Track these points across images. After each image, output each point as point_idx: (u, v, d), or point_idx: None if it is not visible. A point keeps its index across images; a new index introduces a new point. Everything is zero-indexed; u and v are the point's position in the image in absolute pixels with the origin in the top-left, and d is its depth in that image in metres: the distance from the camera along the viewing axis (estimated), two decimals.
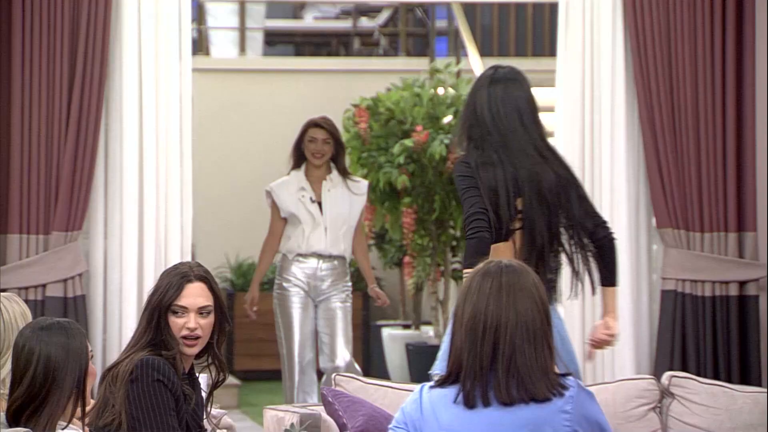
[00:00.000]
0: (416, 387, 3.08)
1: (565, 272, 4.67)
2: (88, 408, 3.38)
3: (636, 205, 6.38)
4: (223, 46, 11.13)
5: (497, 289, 2.92)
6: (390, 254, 9.27)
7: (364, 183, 7.08)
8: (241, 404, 8.93)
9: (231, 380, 9.00)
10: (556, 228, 4.47)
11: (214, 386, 3.92)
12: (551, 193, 4.45)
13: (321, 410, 5.16)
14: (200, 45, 10.97)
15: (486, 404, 2.89)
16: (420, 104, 7.21)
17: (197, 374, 3.92)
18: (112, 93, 6.18)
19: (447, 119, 7.20)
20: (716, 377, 6.08)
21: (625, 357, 6.30)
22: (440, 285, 7.52)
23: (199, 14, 11.02)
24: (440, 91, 7.35)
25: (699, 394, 5.36)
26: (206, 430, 3.90)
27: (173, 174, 6.19)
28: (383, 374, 8.81)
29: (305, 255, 6.89)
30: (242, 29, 11.02)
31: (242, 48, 11.01)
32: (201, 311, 3.84)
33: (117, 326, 6.11)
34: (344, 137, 7.38)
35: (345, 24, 12.02)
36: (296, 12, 12.38)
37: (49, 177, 6.08)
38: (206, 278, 3.90)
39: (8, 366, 3.58)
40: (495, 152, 4.41)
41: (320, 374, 6.96)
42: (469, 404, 2.89)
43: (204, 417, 3.89)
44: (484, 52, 11.07)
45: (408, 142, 7.07)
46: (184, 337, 3.81)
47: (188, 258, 6.14)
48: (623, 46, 6.35)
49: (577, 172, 6.42)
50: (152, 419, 3.62)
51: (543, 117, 4.82)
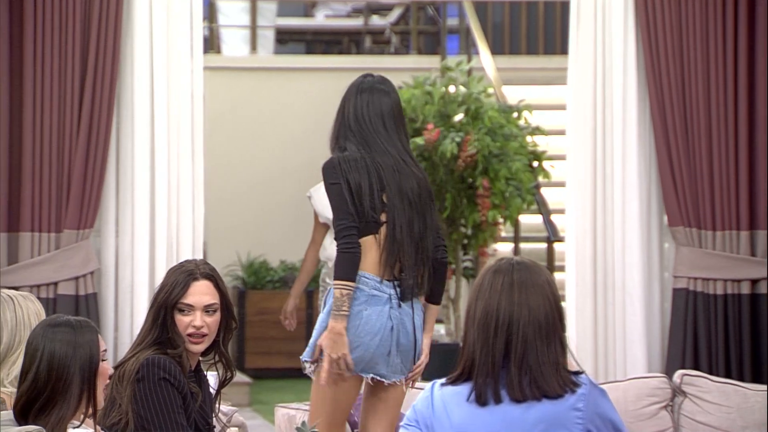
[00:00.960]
0: (427, 385, 3.06)
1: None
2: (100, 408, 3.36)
3: (648, 204, 6.36)
4: (235, 45, 11.12)
5: (509, 286, 2.91)
6: None
7: None
8: (253, 402, 8.92)
9: (242, 378, 8.99)
10: (418, 227, 4.75)
11: (222, 384, 3.90)
12: (412, 194, 4.73)
13: None
14: (211, 43, 10.96)
15: (498, 401, 2.88)
16: (431, 102, 7.20)
17: (205, 372, 3.90)
18: (124, 91, 6.18)
19: (458, 117, 7.19)
20: (728, 375, 6.05)
21: (637, 355, 6.27)
22: (451, 283, 7.50)
23: (211, 12, 11.01)
24: (451, 89, 7.33)
25: (711, 393, 5.34)
26: (215, 428, 3.88)
27: (185, 172, 6.18)
28: None
29: None
30: (253, 27, 11.02)
31: (253, 46, 11.00)
32: (207, 309, 3.83)
33: (128, 324, 6.10)
34: None
35: (356, 22, 12.01)
36: (307, 10, 12.37)
37: (61, 175, 6.07)
38: (212, 276, 3.88)
39: (20, 363, 3.58)
40: (359, 151, 4.71)
41: None
42: (481, 401, 2.88)
43: (212, 415, 3.87)
44: (496, 50, 11.05)
45: (419, 140, 7.05)
46: (190, 335, 3.79)
47: (200, 256, 6.13)
48: (635, 44, 6.32)
49: (589, 171, 6.45)
50: (160, 418, 3.61)
51: (554, 115, 4.84)
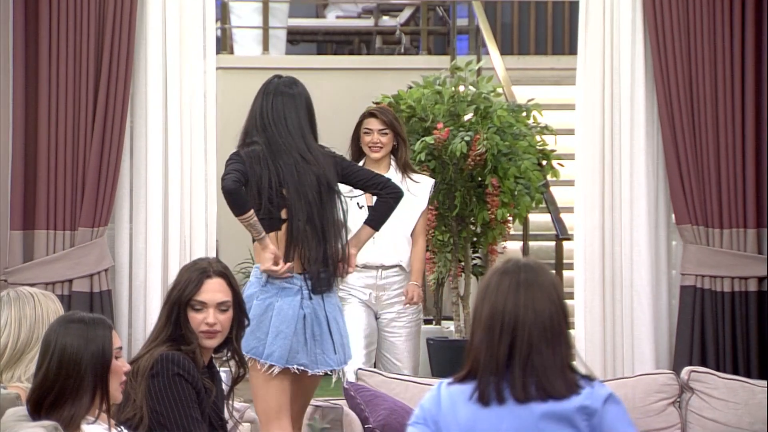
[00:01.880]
0: (436, 381, 3.07)
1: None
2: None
3: (655, 202, 6.36)
4: (247, 45, 11.13)
5: (515, 288, 2.91)
6: None
7: (427, 182, 6.24)
8: None
9: None
10: (319, 221, 4.94)
11: (235, 381, 3.91)
12: (311, 190, 4.94)
13: (343, 404, 5.15)
14: (224, 43, 10.97)
15: (501, 401, 2.88)
16: (441, 102, 7.19)
17: (218, 368, 3.92)
18: (138, 91, 6.19)
19: (468, 117, 7.18)
20: (735, 372, 6.05)
21: (645, 352, 6.27)
22: (461, 281, 7.51)
23: (223, 13, 11.02)
24: (461, 89, 7.32)
25: (718, 389, 5.34)
26: (228, 423, 3.89)
27: (198, 171, 6.20)
28: None
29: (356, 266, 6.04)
30: (265, 28, 11.03)
31: (265, 46, 11.01)
32: (220, 306, 3.84)
33: (142, 321, 6.12)
34: None
35: (367, 22, 12.01)
36: (319, 11, 12.38)
37: (76, 174, 6.09)
38: (225, 274, 3.89)
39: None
40: (262, 150, 4.95)
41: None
42: (484, 401, 2.89)
43: (225, 410, 3.89)
44: (505, 50, 11.05)
45: (429, 139, 7.04)
46: (203, 332, 3.80)
47: (213, 254, 6.14)
48: (643, 44, 6.32)
49: (597, 169, 6.44)
50: (175, 413, 3.62)
51: (562, 114, 4.85)
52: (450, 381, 2.96)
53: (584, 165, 6.42)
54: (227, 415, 3.88)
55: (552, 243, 9.03)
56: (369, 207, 5.31)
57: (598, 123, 6.37)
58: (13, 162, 6.06)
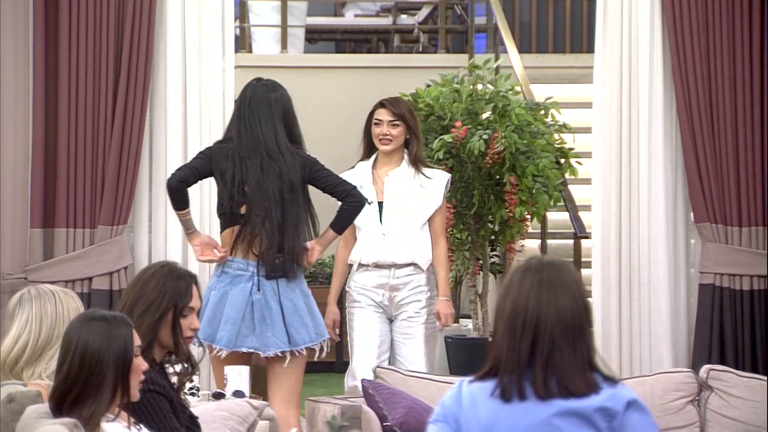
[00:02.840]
0: (455, 379, 3.06)
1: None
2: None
3: (674, 200, 6.34)
4: (265, 44, 11.13)
5: (537, 286, 2.91)
6: None
7: (440, 176, 5.92)
8: None
9: None
10: (277, 217, 5.22)
11: (185, 376, 3.88)
12: (273, 187, 5.23)
13: (362, 402, 5.15)
14: (242, 42, 10.98)
15: (522, 398, 2.88)
16: (459, 100, 7.18)
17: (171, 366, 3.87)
18: (157, 89, 6.21)
19: (486, 115, 7.16)
20: (754, 370, 6.03)
21: (663, 350, 6.26)
22: (479, 279, 7.49)
23: (242, 12, 11.03)
24: (479, 87, 7.30)
25: (737, 387, 5.32)
26: (189, 410, 3.88)
27: None
28: None
29: (366, 265, 5.83)
30: (284, 27, 11.03)
31: (284, 45, 11.01)
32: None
33: None
34: None
35: (385, 21, 12.00)
36: (337, 9, 12.38)
37: (95, 173, 6.11)
38: (195, 277, 3.91)
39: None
40: (233, 147, 5.29)
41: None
42: (505, 398, 2.89)
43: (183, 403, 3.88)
44: (523, 49, 11.02)
45: (447, 138, 7.03)
46: (188, 337, 3.81)
47: None
48: (661, 42, 6.30)
49: (615, 168, 6.42)
50: (155, 428, 3.62)
51: (580, 113, 4.84)
52: (471, 379, 2.96)
53: (602, 163, 6.40)
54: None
55: (570, 241, 9.01)
56: (342, 205, 5.38)
57: (616, 121, 6.35)
58: (34, 160, 6.08)
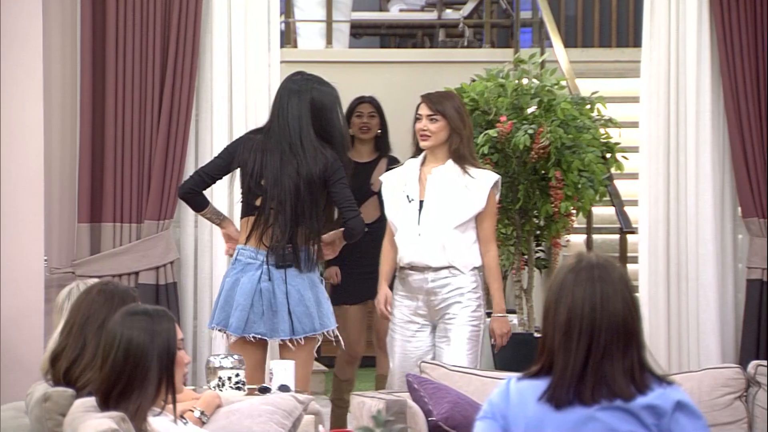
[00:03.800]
0: (500, 375, 3.06)
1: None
2: (180, 396, 3.36)
3: (721, 195, 6.28)
4: (310, 38, 11.14)
5: (591, 290, 2.90)
6: None
7: (486, 177, 5.59)
8: (328, 390, 8.94)
9: (318, 366, 9.02)
10: (291, 209, 5.35)
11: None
12: (289, 181, 5.35)
13: (407, 397, 5.14)
14: (288, 37, 10.99)
15: (571, 403, 2.88)
16: (504, 95, 7.14)
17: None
18: (203, 85, 6.22)
19: (531, 109, 7.13)
20: None
21: (711, 346, 6.21)
22: (524, 274, 7.46)
23: (287, 7, 11.04)
24: (524, 82, 7.27)
25: None
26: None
27: None
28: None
29: (404, 268, 5.60)
30: (329, 21, 11.03)
31: (329, 40, 11.02)
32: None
33: (207, 313, 6.15)
34: None
35: (430, 16, 11.98)
36: (382, 4, 12.37)
37: (142, 168, 6.13)
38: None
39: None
40: (261, 138, 5.45)
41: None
42: (555, 403, 2.88)
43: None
44: (569, 43, 10.96)
45: (492, 133, 7.00)
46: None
47: None
48: (709, 35, 6.25)
49: (662, 162, 6.37)
50: None
51: (626, 107, 4.82)
52: (520, 376, 2.95)
53: (649, 158, 6.36)
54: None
55: (616, 236, 8.96)
56: (344, 227, 5.48)
57: (663, 115, 6.30)
58: (81, 156, 6.11)
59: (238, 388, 5.07)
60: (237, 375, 5.08)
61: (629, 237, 8.54)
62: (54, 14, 6.06)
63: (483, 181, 5.58)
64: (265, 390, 5.10)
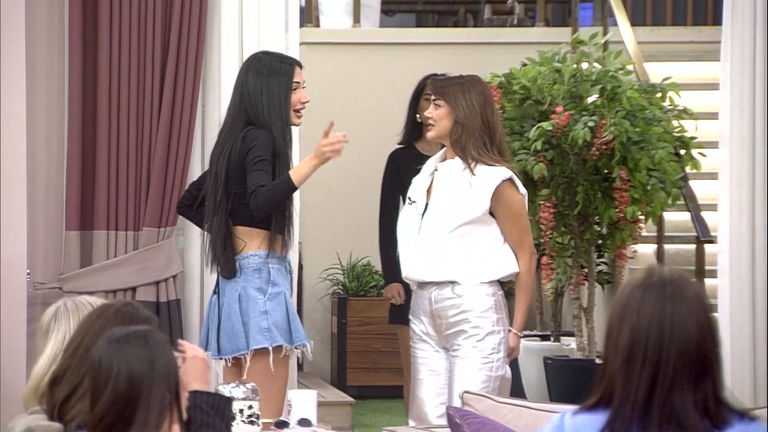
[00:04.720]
0: (556, 407, 3.06)
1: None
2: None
3: None
4: (335, 16, 11.16)
5: (660, 311, 2.89)
6: None
7: (493, 173, 5.39)
8: (355, 425, 8.96)
9: (343, 398, 9.04)
10: (213, 196, 5.52)
11: None
12: (218, 166, 5.53)
13: None
14: (308, 15, 11.02)
15: None
16: (560, 81, 7.16)
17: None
18: (210, 71, 6.24)
19: (592, 98, 7.14)
20: None
21: None
22: (584, 290, 7.47)
23: None
24: (584, 66, 7.28)
25: None
26: None
27: None
28: (518, 392, 8.79)
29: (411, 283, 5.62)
30: None
31: (356, 18, 11.04)
32: None
33: None
34: None
35: None
36: None
37: (140, 167, 6.16)
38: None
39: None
40: (228, 131, 5.57)
41: None
42: None
43: None
44: (636, 21, 10.96)
45: (546, 125, 7.02)
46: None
47: (295, 257, 6.15)
48: None
49: (745, 160, 6.35)
50: None
51: (704, 95, 4.80)
52: (576, 410, 2.95)
53: (731, 154, 6.35)
54: None
55: (691, 246, 8.96)
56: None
57: (747, 105, 6.29)
58: (69, 154, 6.14)
59: (252, 422, 5.08)
60: (250, 407, 5.09)
61: (707, 247, 8.53)
62: None
63: (487, 179, 5.37)
64: (283, 424, 5.11)
